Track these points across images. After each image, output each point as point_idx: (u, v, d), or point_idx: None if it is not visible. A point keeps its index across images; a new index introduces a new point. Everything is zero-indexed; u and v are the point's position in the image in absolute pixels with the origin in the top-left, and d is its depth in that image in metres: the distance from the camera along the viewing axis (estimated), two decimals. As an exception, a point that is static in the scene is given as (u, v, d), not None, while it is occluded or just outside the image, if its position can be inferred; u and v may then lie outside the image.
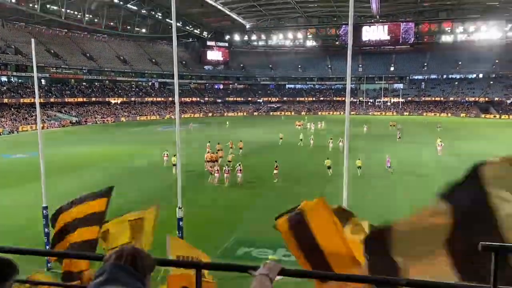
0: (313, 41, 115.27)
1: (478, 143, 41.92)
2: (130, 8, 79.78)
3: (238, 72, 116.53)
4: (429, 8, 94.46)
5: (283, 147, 41.90)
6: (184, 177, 25.89)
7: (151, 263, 1.72)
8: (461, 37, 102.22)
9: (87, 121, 76.92)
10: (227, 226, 18.31)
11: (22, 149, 40.46)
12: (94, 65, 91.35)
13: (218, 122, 74.12)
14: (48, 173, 15.40)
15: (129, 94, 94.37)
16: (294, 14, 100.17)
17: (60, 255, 4.47)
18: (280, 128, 56.65)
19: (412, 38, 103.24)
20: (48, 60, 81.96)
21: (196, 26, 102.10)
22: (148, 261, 1.70)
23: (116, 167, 32.03)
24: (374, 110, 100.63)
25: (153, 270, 1.73)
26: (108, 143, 47.51)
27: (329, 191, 22.06)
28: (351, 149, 14.97)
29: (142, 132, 61.09)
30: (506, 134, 52.90)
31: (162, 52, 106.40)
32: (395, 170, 28.90)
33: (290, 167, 30.08)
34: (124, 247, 1.76)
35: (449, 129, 59.33)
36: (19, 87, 77.05)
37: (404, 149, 39.62)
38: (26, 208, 20.15)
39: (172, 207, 13.72)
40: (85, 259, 2.18)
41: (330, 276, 2.41)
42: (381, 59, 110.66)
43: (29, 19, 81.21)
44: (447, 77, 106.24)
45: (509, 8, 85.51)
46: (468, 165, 2.28)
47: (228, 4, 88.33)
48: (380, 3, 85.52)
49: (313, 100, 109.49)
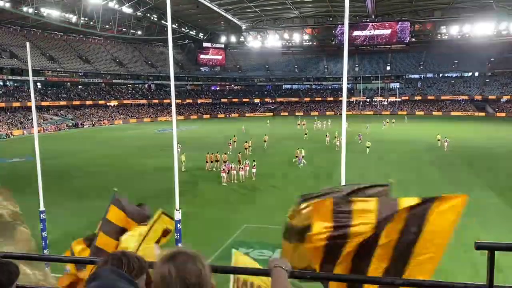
0: (309, 42, 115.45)
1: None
2: (125, 11, 79.64)
3: (234, 73, 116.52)
4: (424, 7, 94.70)
5: (282, 145, 42.02)
6: (189, 177, 26.17)
7: (144, 266, 1.73)
8: (457, 35, 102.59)
9: (83, 124, 76.75)
10: (226, 227, 18.29)
11: (18, 153, 40.30)
12: (90, 67, 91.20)
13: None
14: (46, 177, 15.35)
15: (126, 97, 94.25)
16: (289, 14, 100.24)
17: (54, 260, 4.12)
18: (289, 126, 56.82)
19: (408, 37, 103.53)
20: (43, 63, 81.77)
21: (192, 28, 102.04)
22: (140, 264, 1.71)
23: (121, 169, 31.97)
24: (370, 109, 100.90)
25: (145, 273, 1.74)
26: (107, 146, 47.42)
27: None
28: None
29: (139, 135, 60.99)
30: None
31: (158, 54, 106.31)
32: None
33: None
34: (116, 251, 1.76)
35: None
36: (15, 91, 76.85)
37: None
38: (23, 212, 20.02)
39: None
40: (78, 263, 2.17)
41: (323, 277, 2.40)
42: (377, 58, 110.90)
43: (24, 22, 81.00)
44: (443, 75, 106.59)
45: (503, 7, 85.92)
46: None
47: (224, 5, 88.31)
48: (375, 3, 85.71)
49: (310, 100, 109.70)
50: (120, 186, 24.91)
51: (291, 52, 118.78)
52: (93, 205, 21.24)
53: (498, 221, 18.45)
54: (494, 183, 25.34)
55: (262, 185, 26.05)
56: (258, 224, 18.37)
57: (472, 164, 32.24)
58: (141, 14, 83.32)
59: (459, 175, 28.06)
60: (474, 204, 19.32)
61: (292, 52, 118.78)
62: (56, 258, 2.49)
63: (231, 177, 27.07)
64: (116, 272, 1.57)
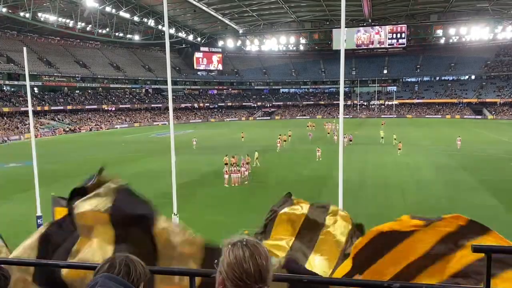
0: (306, 45, 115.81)
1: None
2: (123, 16, 79.70)
3: (232, 77, 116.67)
4: (421, 11, 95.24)
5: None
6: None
7: (144, 272, 1.65)
8: (453, 39, 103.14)
9: (81, 128, 76.60)
10: (225, 229, 18.22)
11: (15, 158, 40.16)
12: (87, 72, 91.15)
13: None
14: (42, 182, 15.29)
15: (123, 101, 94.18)
16: (286, 18, 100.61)
17: (51, 265, 4.03)
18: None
19: (405, 41, 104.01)
20: (40, 68, 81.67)
21: (189, 32, 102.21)
22: (141, 270, 1.63)
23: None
24: (368, 112, 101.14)
25: (146, 279, 1.66)
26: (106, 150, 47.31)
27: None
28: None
29: (136, 139, 60.89)
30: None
31: (155, 59, 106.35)
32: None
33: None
34: (116, 255, 1.71)
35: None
36: (12, 96, 76.70)
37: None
38: (20, 217, 19.95)
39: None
40: (76, 268, 2.12)
41: (319, 280, 2.41)
42: (374, 62, 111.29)
43: (21, 27, 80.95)
44: (440, 79, 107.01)
45: (499, 10, 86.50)
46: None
47: (221, 10, 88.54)
48: (372, 7, 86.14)
49: (308, 104, 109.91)
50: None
51: (288, 56, 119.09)
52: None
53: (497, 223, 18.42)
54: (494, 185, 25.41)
55: (263, 188, 26.00)
56: (257, 228, 18.29)
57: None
58: (138, 18, 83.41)
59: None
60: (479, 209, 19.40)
61: (289, 56, 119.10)
62: (53, 263, 2.47)
63: (230, 182, 26.85)
64: (118, 280, 1.50)
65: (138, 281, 1.60)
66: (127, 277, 1.56)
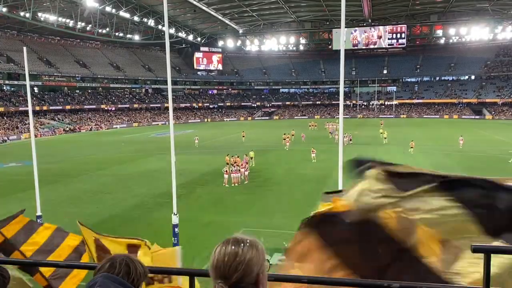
0: (306, 46, 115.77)
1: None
2: (123, 16, 79.67)
3: (231, 77, 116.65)
4: (421, 11, 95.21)
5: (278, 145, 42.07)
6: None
7: (144, 272, 1.65)
8: (453, 39, 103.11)
9: (81, 128, 76.59)
10: (225, 229, 18.23)
11: (15, 158, 40.16)
12: (87, 72, 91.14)
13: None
14: (42, 182, 15.30)
15: (123, 101, 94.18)
16: (286, 18, 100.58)
17: (50, 265, 3.95)
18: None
19: (405, 41, 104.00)
20: (40, 68, 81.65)
21: (189, 32, 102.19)
22: (141, 270, 1.63)
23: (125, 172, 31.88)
24: (368, 112, 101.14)
25: (145, 279, 1.66)
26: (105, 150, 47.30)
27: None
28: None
29: (136, 138, 60.88)
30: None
31: (155, 58, 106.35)
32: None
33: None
34: (116, 255, 1.70)
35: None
36: (12, 96, 76.70)
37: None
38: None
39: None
40: (77, 268, 2.12)
41: (320, 280, 2.41)
42: (374, 62, 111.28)
43: (21, 27, 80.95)
44: (439, 79, 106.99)
45: (499, 10, 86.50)
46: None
47: (221, 10, 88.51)
48: (371, 7, 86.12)
49: (308, 104, 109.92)
50: (118, 190, 24.88)
51: (288, 56, 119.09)
52: (90, 210, 21.18)
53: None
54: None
55: (262, 188, 26.01)
56: (256, 228, 18.32)
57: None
58: (138, 18, 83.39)
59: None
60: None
61: (289, 56, 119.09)
62: (53, 263, 2.48)
63: (230, 182, 26.85)
64: (117, 280, 1.50)
65: (138, 281, 1.59)
66: (127, 277, 1.55)
